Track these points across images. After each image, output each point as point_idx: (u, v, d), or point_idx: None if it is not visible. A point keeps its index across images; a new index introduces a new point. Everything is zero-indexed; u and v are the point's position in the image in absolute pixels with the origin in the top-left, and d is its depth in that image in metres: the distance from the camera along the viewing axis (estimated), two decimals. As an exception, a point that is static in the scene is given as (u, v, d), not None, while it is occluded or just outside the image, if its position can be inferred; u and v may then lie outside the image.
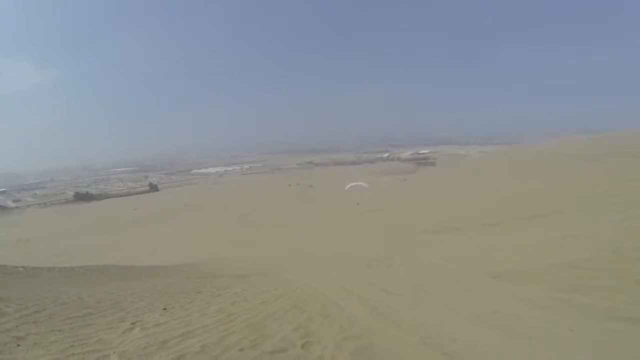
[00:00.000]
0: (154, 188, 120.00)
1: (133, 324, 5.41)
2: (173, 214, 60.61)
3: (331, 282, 8.82)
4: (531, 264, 7.32)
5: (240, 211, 52.14)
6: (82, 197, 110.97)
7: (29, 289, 8.63)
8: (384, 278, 8.83)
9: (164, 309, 6.53)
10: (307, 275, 11.05)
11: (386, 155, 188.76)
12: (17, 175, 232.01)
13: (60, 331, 4.98)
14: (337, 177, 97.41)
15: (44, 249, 36.63)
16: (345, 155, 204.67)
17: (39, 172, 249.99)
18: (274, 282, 9.91)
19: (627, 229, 8.41)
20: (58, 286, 9.44)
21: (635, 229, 8.22)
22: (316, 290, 7.98)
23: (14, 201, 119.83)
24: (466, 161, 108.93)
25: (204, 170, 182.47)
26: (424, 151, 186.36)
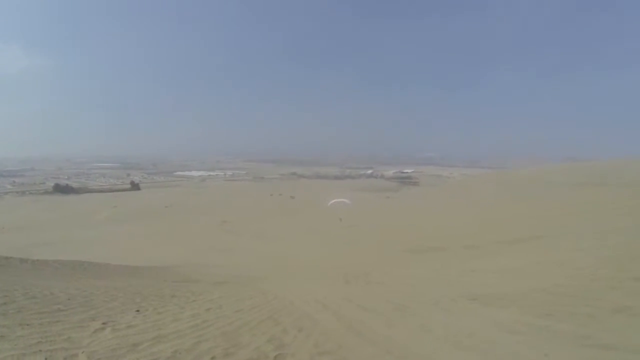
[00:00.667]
0: (135, 187, 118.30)
1: (104, 324, 5.31)
2: (153, 215, 59.74)
3: (308, 295, 8.78)
4: (509, 288, 7.42)
5: (221, 217, 51.67)
6: (61, 189, 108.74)
7: (0, 279, 8.42)
8: (361, 294, 8.84)
9: (137, 310, 6.42)
10: (284, 286, 11.00)
11: (370, 172, 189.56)
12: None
13: (28, 325, 4.87)
14: (319, 191, 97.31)
15: (19, 239, 35.79)
16: (329, 169, 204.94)
17: (19, 160, 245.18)
18: (251, 291, 9.84)
19: (606, 257, 8.60)
20: (30, 279, 9.22)
21: (613, 258, 8.41)
22: (292, 302, 7.94)
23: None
24: (449, 182, 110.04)
25: (187, 173, 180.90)
26: (408, 170, 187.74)
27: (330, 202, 49.27)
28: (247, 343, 5.04)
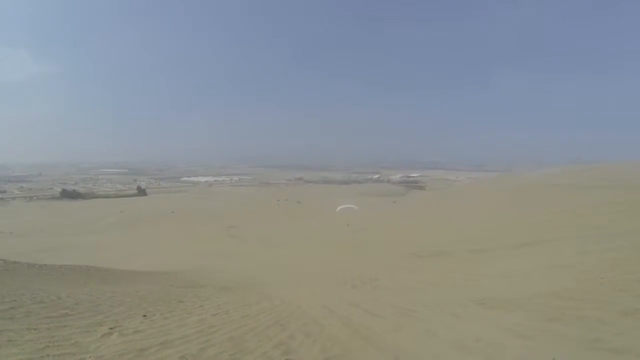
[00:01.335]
0: (142, 192, 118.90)
1: (112, 328, 5.33)
2: (160, 220, 59.93)
3: (314, 301, 8.76)
4: (516, 292, 7.35)
5: (227, 222, 51.73)
6: (69, 195, 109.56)
7: (7, 283, 8.48)
8: (368, 299, 8.80)
9: (144, 315, 6.44)
10: (290, 291, 10.97)
11: (376, 176, 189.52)
12: (5, 166, 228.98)
13: (36, 330, 4.90)
14: (326, 195, 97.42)
15: (26, 244, 35.98)
16: (336, 174, 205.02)
17: (27, 165, 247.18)
18: (257, 296, 9.83)
19: (612, 259, 8.51)
20: (37, 283, 9.27)
21: (620, 260, 8.32)
22: (299, 307, 7.92)
23: (0, 192, 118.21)
24: (456, 186, 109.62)
25: (193, 179, 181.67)
26: (414, 174, 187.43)
27: (338, 209, 49.38)
28: (253, 348, 5.03)
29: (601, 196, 27.98)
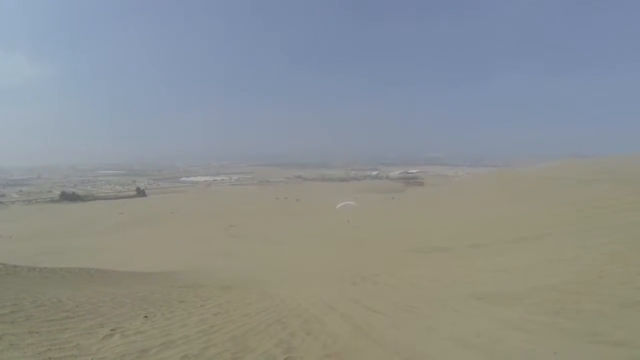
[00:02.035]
0: (141, 193, 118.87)
1: (113, 330, 5.34)
2: (159, 221, 59.95)
3: (315, 298, 8.77)
4: (516, 286, 7.37)
5: (227, 222, 51.75)
6: (68, 197, 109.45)
7: (8, 287, 8.47)
8: (368, 296, 8.81)
9: (145, 316, 6.45)
10: (291, 289, 10.97)
11: (375, 173, 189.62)
12: (3, 170, 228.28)
13: (37, 333, 4.90)
14: (325, 193, 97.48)
15: (26, 247, 35.95)
16: (334, 171, 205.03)
17: (25, 168, 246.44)
18: (258, 295, 9.84)
19: (612, 253, 8.53)
20: (37, 287, 9.27)
21: (619, 253, 8.34)
22: (299, 305, 7.93)
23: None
24: (454, 182, 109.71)
25: (192, 179, 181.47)
26: (413, 171, 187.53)
27: (338, 206, 49.55)
28: (255, 347, 5.05)
29: (600, 190, 28.07)
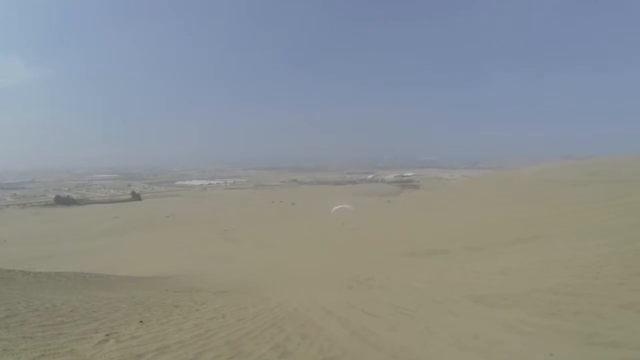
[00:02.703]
0: (136, 197, 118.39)
1: (108, 335, 5.29)
2: (155, 225, 59.65)
3: (311, 302, 8.76)
4: (513, 288, 7.38)
5: (222, 226, 51.59)
6: (62, 201, 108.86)
7: (2, 292, 8.40)
8: (364, 299, 8.80)
9: (140, 321, 6.40)
10: (286, 293, 10.96)
11: (370, 176, 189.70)
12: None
13: (31, 338, 4.85)
14: (320, 197, 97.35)
15: (20, 252, 35.69)
16: (330, 175, 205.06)
17: (19, 172, 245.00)
18: (253, 299, 9.81)
19: (608, 254, 8.55)
20: (32, 291, 9.20)
21: (616, 254, 8.36)
22: (295, 309, 7.91)
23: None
24: (450, 185, 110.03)
25: (187, 183, 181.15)
26: (408, 174, 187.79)
27: (334, 209, 49.55)
28: (251, 351, 5.02)
29: (596, 191, 28.21)
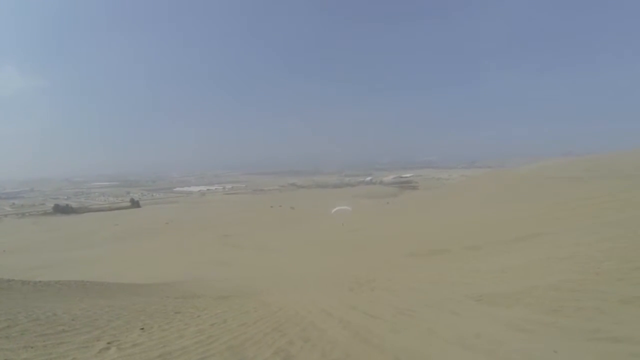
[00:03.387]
0: (135, 204, 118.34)
1: (109, 343, 5.28)
2: (154, 232, 59.57)
3: (313, 305, 8.73)
4: (514, 286, 7.37)
5: (222, 231, 51.49)
6: (61, 210, 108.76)
7: (2, 302, 8.37)
8: (366, 301, 8.78)
9: (142, 328, 6.38)
10: (288, 297, 10.93)
11: (369, 178, 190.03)
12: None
13: (32, 348, 4.84)
14: (319, 200, 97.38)
15: (20, 261, 35.58)
16: (328, 178, 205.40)
17: (18, 182, 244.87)
18: (255, 303, 9.78)
19: (609, 249, 8.54)
20: (32, 301, 9.16)
21: (616, 250, 8.35)
22: (297, 313, 7.89)
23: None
24: (449, 185, 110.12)
25: (186, 189, 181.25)
26: (407, 175, 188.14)
27: (333, 210, 49.60)
28: (253, 356, 5.01)
29: (595, 187, 28.16)
